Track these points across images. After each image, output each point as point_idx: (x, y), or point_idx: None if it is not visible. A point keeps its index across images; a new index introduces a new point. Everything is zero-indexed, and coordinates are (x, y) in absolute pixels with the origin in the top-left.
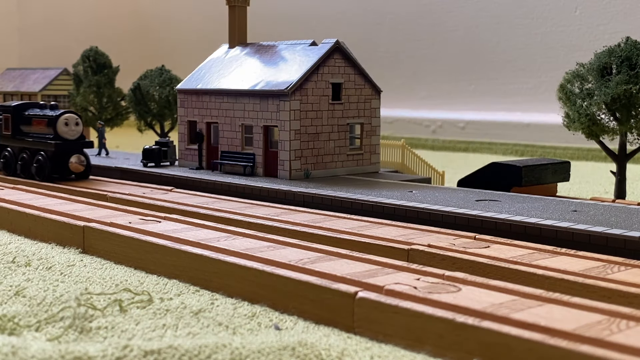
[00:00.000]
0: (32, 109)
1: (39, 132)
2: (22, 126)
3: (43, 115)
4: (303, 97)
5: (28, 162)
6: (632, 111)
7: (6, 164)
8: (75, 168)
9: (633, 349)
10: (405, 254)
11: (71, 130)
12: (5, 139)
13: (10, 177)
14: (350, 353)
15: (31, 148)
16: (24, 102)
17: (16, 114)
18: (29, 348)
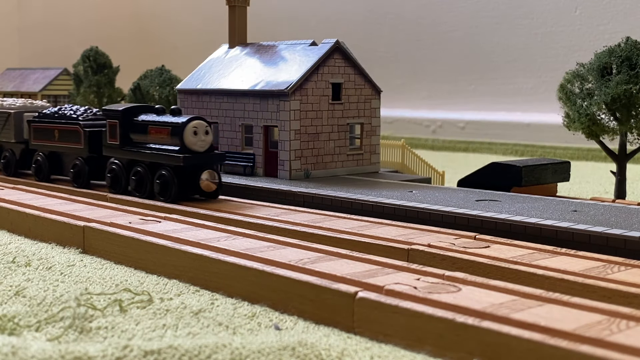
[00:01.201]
0: (146, 114)
1: (159, 142)
2: (133, 134)
3: (164, 122)
4: (303, 97)
5: (144, 178)
6: (632, 111)
7: (114, 179)
8: (207, 187)
9: (633, 349)
10: (405, 254)
11: (200, 141)
12: (110, 150)
13: (118, 194)
14: (350, 353)
15: (148, 162)
16: (132, 105)
17: (125, 119)
18: (29, 348)
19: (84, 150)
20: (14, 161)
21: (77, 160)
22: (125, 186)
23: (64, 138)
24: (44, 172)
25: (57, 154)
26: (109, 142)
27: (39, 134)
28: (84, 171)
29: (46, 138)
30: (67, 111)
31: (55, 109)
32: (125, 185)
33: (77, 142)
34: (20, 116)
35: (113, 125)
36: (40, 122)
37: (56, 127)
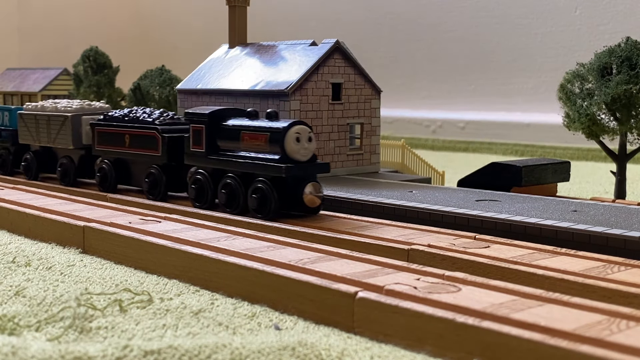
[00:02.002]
0: (236, 118)
1: (254, 150)
2: (221, 141)
3: (261, 127)
4: (303, 97)
5: (237, 191)
6: (632, 111)
7: (200, 191)
8: (311, 201)
9: (633, 349)
10: (405, 254)
11: (303, 149)
12: (193, 158)
13: (206, 209)
14: (350, 353)
15: (240, 172)
16: (220, 107)
17: (213, 124)
18: (29, 348)
19: (162, 158)
20: (72, 169)
21: (152, 169)
22: (212, 199)
23: (137, 144)
24: (109, 181)
25: (126, 161)
26: (192, 150)
27: (105, 139)
28: (161, 181)
29: (114, 144)
30: (140, 114)
31: (125, 111)
32: (212, 199)
33: (153, 148)
34: (79, 119)
35: (198, 130)
36: (107, 125)
37: (127, 131)
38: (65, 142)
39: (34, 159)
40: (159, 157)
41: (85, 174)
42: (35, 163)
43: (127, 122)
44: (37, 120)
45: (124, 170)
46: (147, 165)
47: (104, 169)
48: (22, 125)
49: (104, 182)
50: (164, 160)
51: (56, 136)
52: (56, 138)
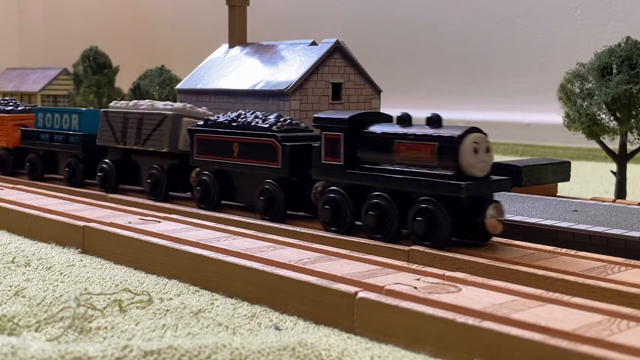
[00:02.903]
0: (380, 124)
1: (413, 162)
2: (362, 152)
3: (423, 135)
4: (303, 97)
5: (390, 214)
6: (632, 111)
7: (336, 211)
8: (493, 227)
9: (633, 349)
10: (405, 254)
11: (482, 162)
12: (325, 172)
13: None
14: (350, 353)
15: (395, 191)
16: (359, 111)
17: (353, 131)
18: (29, 348)
19: (281, 170)
20: (164, 181)
21: (267, 185)
22: (351, 222)
23: (249, 154)
24: (212, 196)
25: (231, 174)
26: (325, 162)
27: (207, 147)
28: (279, 199)
29: (218, 153)
30: (250, 119)
31: (232, 115)
32: (351, 221)
33: (269, 159)
34: (179, 121)
35: (334, 139)
36: (210, 132)
37: (236, 139)
38: (159, 145)
39: (112, 168)
40: (277, 170)
41: (178, 187)
42: (114, 173)
43: (235, 129)
44: (126, 119)
45: (228, 184)
46: (260, 180)
47: (205, 182)
48: (105, 125)
49: (206, 198)
50: (284, 174)
51: (148, 138)
52: (147, 140)
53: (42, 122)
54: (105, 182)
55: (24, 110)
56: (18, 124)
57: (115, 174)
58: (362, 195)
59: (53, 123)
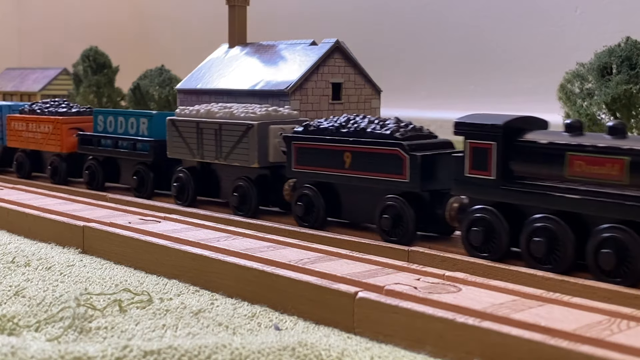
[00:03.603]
0: (536, 131)
1: (593, 180)
2: (517, 164)
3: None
4: (303, 97)
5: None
6: (632, 111)
7: (488, 234)
8: None
9: (633, 349)
10: (405, 254)
11: None
12: (472, 188)
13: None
14: (350, 353)
15: (568, 213)
16: (513, 115)
17: (508, 140)
18: (29, 348)
19: (411, 184)
20: (254, 196)
21: (391, 201)
22: (507, 247)
23: (365, 165)
24: (317, 212)
25: (339, 187)
26: (470, 176)
27: (309, 157)
28: (407, 216)
29: (324, 163)
30: (365, 124)
31: (341, 119)
32: (507, 246)
33: (393, 171)
34: (266, 130)
35: (483, 148)
36: (313, 139)
37: (349, 148)
38: (246, 159)
39: (190, 178)
40: (403, 184)
41: (268, 201)
42: (192, 183)
43: (347, 136)
44: (199, 129)
45: (334, 199)
46: (381, 195)
47: (306, 196)
48: (175, 135)
49: (309, 215)
50: (413, 188)
51: (231, 151)
52: (231, 153)
53: (102, 126)
54: (182, 193)
55: (79, 113)
56: (73, 127)
57: (194, 184)
58: (521, 217)
59: (116, 127)
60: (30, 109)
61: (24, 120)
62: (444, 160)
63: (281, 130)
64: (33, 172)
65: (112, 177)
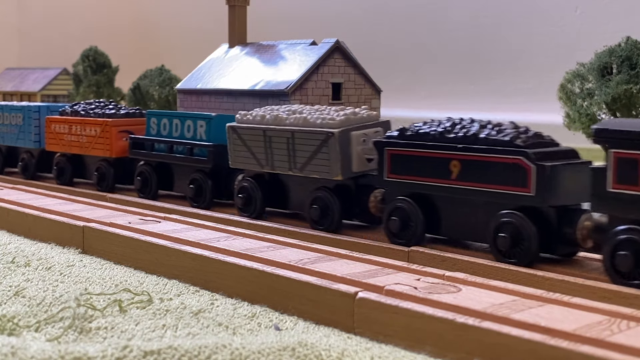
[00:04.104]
0: None
1: None
2: None
3: None
4: (303, 97)
5: None
6: (632, 111)
7: None
8: None
9: (633, 350)
10: (406, 254)
11: None
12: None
13: None
14: (350, 353)
15: None
16: None
17: None
18: (29, 348)
19: (535, 199)
20: (336, 209)
21: (509, 218)
22: None
23: (476, 176)
24: (414, 228)
25: (442, 200)
26: (614, 190)
27: (406, 164)
28: (529, 235)
29: (425, 173)
30: (475, 128)
31: (445, 123)
32: None
33: (513, 184)
34: (347, 137)
35: (632, 159)
36: (411, 145)
37: (457, 155)
38: (327, 171)
39: (256, 187)
40: (525, 198)
41: (352, 214)
42: (260, 194)
43: (454, 142)
44: (266, 137)
45: (435, 213)
46: (495, 210)
47: (402, 210)
48: (237, 144)
49: (406, 230)
50: (537, 203)
51: (308, 162)
52: (307, 165)
53: (155, 129)
54: (249, 204)
55: (128, 114)
56: (122, 130)
57: (262, 194)
58: None
59: (171, 130)
60: (72, 110)
61: (66, 122)
62: (574, 171)
63: (364, 136)
64: (75, 178)
65: (165, 184)
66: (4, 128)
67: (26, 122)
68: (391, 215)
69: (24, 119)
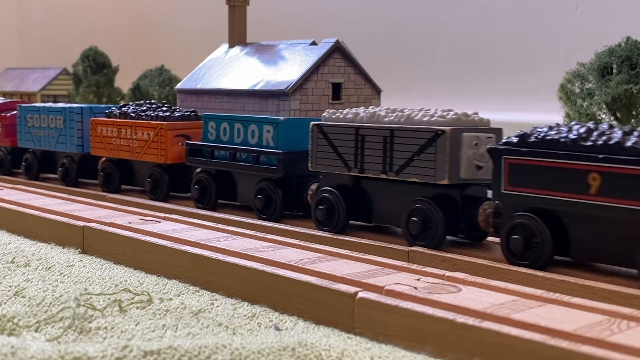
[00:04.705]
0: None
1: None
2: None
3: None
4: (303, 97)
5: None
6: (632, 111)
7: None
8: None
9: (633, 350)
10: (406, 254)
11: None
12: None
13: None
14: (350, 354)
15: None
16: None
17: None
18: (29, 348)
19: None
20: (440, 222)
21: None
22: None
23: (623, 191)
24: (545, 252)
25: (574, 219)
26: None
27: (530, 176)
28: None
29: (554, 186)
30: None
31: (579, 129)
32: None
33: None
34: (459, 137)
35: None
36: (537, 154)
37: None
38: (430, 174)
39: (339, 198)
40: None
41: (458, 229)
42: (344, 205)
43: (592, 151)
44: (359, 135)
45: (563, 234)
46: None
47: (525, 228)
48: (321, 144)
49: (530, 251)
50: None
51: (407, 163)
52: (406, 166)
53: (214, 134)
54: (331, 216)
55: (183, 117)
56: (178, 134)
57: (345, 207)
58: None
59: (232, 135)
60: (121, 112)
61: (115, 125)
62: None
63: (476, 139)
64: (123, 184)
65: (226, 194)
66: (41, 131)
67: (67, 124)
68: (511, 234)
69: (65, 121)
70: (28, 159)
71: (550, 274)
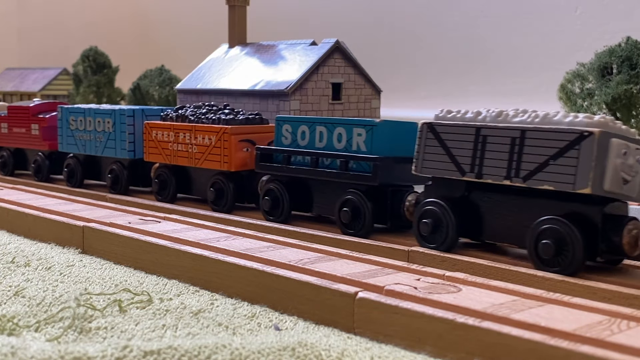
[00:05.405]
0: None
1: None
2: None
3: None
4: (303, 97)
5: None
6: (632, 111)
7: None
8: None
9: (633, 350)
10: (405, 254)
11: None
12: None
13: None
14: (350, 353)
15: None
16: None
17: None
18: (29, 348)
19: None
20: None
21: None
22: None
23: None
24: None
25: None
26: None
27: None
28: None
29: None
30: None
31: None
32: None
33: None
34: (607, 142)
35: None
36: None
37: None
38: (569, 181)
39: (448, 211)
40: None
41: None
42: (454, 220)
43: None
44: (480, 136)
45: None
46: None
47: None
48: (432, 145)
49: None
50: None
51: (540, 168)
52: (538, 172)
53: (290, 138)
54: (437, 232)
55: (248, 120)
56: (244, 139)
57: (456, 221)
58: None
59: (312, 139)
60: (178, 114)
61: (172, 129)
62: None
63: (625, 147)
64: (179, 193)
65: (299, 205)
66: (86, 135)
67: (117, 128)
68: None
69: (115, 124)
70: (71, 165)
71: (550, 274)
